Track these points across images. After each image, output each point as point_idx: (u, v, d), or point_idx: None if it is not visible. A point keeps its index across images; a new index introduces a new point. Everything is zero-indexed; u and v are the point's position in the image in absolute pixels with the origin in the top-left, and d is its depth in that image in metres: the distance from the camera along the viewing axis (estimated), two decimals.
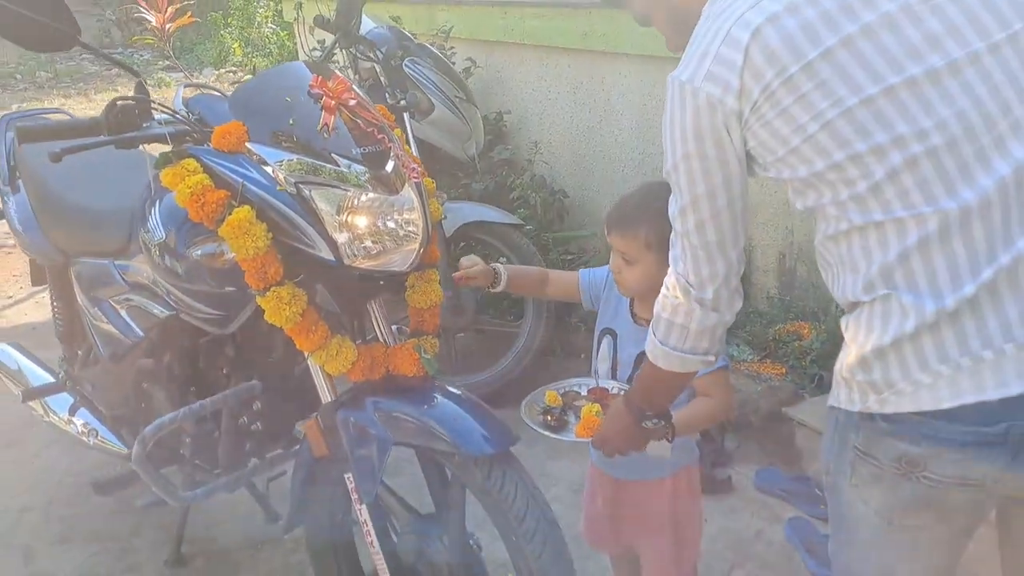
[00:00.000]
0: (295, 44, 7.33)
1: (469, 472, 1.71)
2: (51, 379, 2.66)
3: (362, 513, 1.84)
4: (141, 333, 2.18)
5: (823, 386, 2.93)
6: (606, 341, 1.87)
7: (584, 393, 1.85)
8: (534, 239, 3.99)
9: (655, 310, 1.45)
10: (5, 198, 2.66)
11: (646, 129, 3.97)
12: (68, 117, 1.79)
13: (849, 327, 1.27)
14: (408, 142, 3.28)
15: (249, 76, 5.26)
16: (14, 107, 8.18)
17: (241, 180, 1.68)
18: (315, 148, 1.68)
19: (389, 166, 1.72)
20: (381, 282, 1.81)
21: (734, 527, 2.60)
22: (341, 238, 1.68)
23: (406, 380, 1.85)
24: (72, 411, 2.53)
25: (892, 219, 1.18)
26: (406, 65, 3.41)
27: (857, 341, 1.24)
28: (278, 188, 1.67)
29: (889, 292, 1.19)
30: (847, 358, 1.26)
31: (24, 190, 2.59)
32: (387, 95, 3.37)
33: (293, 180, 1.67)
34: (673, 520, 1.88)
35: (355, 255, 1.70)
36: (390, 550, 1.88)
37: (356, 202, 1.69)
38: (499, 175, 4.40)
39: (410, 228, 1.76)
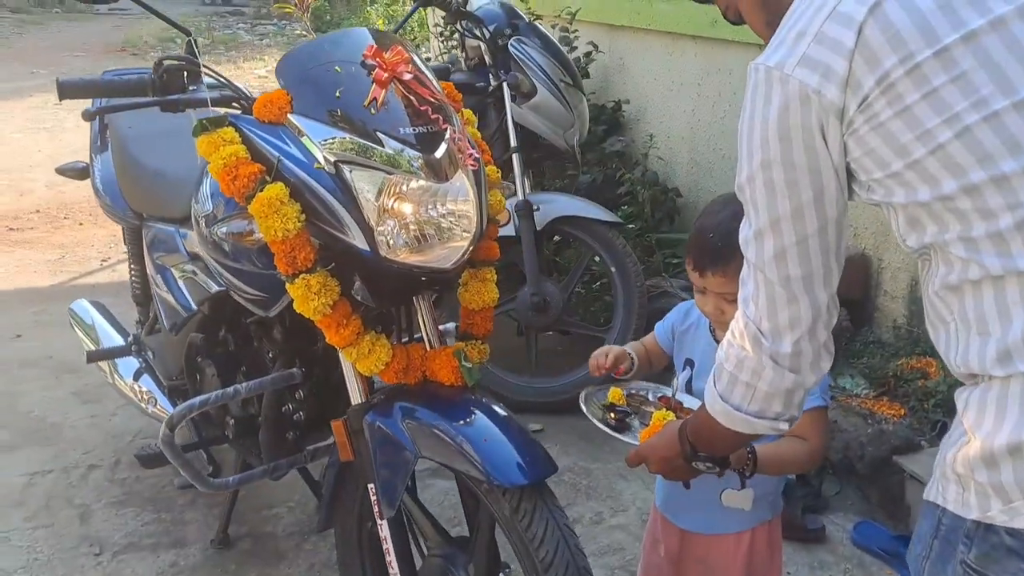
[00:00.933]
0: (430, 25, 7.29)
1: (497, 501, 1.51)
2: (121, 341, 2.64)
3: (383, 528, 1.68)
4: (194, 306, 2.10)
5: (944, 435, 2.56)
6: (686, 372, 1.64)
7: (653, 399, 1.62)
8: (639, 239, 3.74)
9: (717, 357, 1.17)
10: (94, 156, 2.66)
11: None
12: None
13: (969, 406, 0.98)
14: (508, 125, 3.10)
15: None
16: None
17: (277, 155, 1.54)
18: (361, 125, 1.52)
19: (441, 150, 1.54)
20: (424, 279, 1.63)
21: None
22: (379, 227, 1.52)
23: (444, 389, 1.67)
24: (136, 376, 2.51)
25: None
26: (512, 45, 3.22)
27: (982, 429, 0.95)
28: (315, 166, 1.52)
29: None
30: (965, 449, 0.98)
31: (110, 150, 2.58)
32: (490, 75, 3.20)
33: (333, 159, 1.51)
34: None
35: (394, 247, 1.53)
36: (411, 571, 1.71)
37: (401, 188, 1.52)
38: (609, 168, 4.16)
39: (461, 221, 1.58)
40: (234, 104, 1.67)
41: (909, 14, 0.94)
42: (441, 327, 1.81)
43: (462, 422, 1.58)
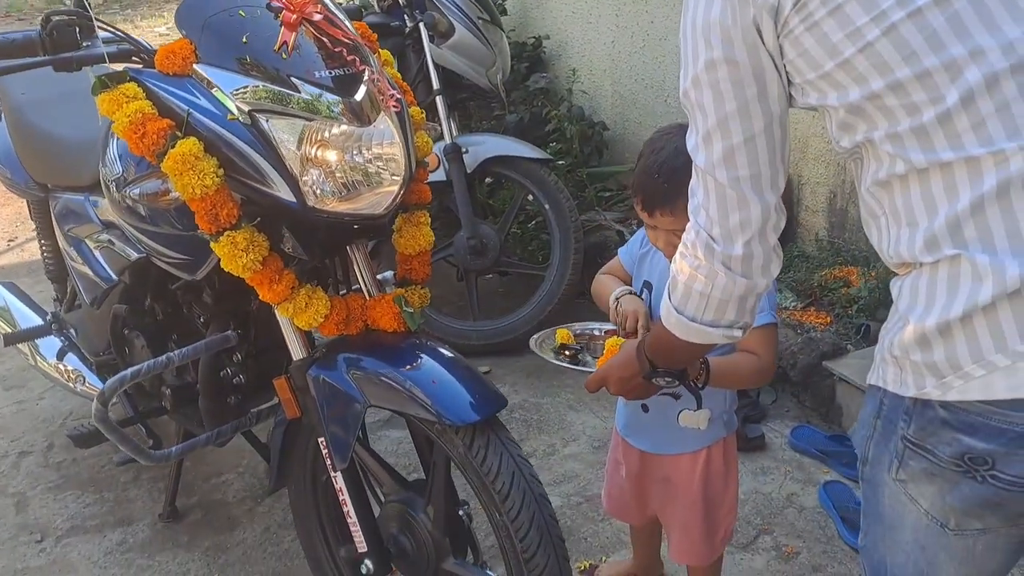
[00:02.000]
0: None
1: (450, 441, 1.51)
2: (40, 321, 2.53)
3: (337, 480, 1.66)
4: (115, 277, 2.01)
5: (869, 338, 2.65)
6: (644, 295, 1.64)
7: (600, 333, 1.64)
8: (569, 174, 3.73)
9: (671, 270, 1.18)
10: None
11: None
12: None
13: (902, 293, 1.01)
14: (428, 66, 3.03)
15: None
16: None
17: (187, 108, 1.47)
18: (273, 71, 1.45)
19: (360, 92, 1.49)
20: (356, 227, 1.59)
21: (764, 489, 2.37)
22: (303, 176, 1.46)
23: (387, 336, 1.65)
24: (60, 355, 2.41)
25: (964, 158, 0.92)
26: None
27: (914, 312, 0.98)
28: (229, 117, 1.45)
29: (958, 252, 0.94)
30: (900, 333, 1.00)
31: (3, 120, 2.43)
32: (405, 16, 3.11)
33: (246, 108, 1.45)
34: (705, 497, 1.67)
35: (321, 196, 1.48)
36: (369, 519, 1.70)
37: (320, 135, 1.46)
38: (535, 106, 4.12)
39: (390, 165, 1.54)
40: (134, 58, 1.58)
41: None
42: (379, 276, 1.78)
43: (408, 367, 1.56)
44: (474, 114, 4.07)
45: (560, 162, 3.65)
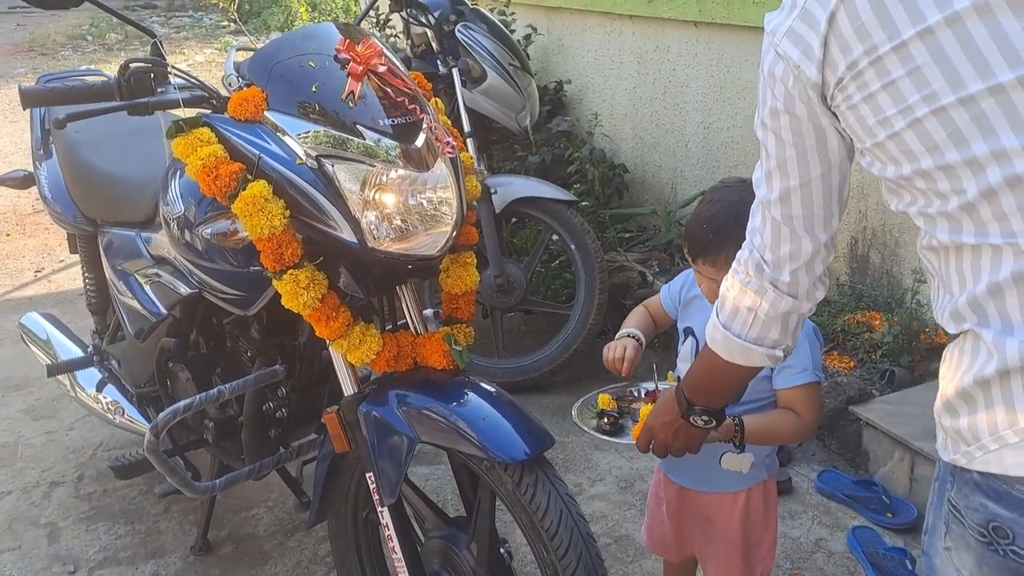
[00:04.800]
0: (360, 8, 7.19)
1: (498, 478, 1.55)
2: (80, 353, 2.58)
3: (383, 515, 1.70)
4: (164, 310, 2.07)
5: (893, 382, 2.69)
6: (689, 341, 1.69)
7: (642, 396, 1.67)
8: (591, 216, 3.80)
9: (720, 288, 1.25)
10: (38, 164, 2.58)
11: (712, 101, 3.72)
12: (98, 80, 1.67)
13: (944, 361, 1.05)
14: (460, 111, 3.11)
15: None
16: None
17: (257, 152, 1.54)
18: (339, 118, 1.52)
19: (420, 139, 1.56)
20: (410, 266, 1.65)
21: (792, 534, 2.40)
22: (365, 218, 1.53)
23: (436, 373, 1.70)
24: (99, 387, 2.46)
25: (986, 244, 0.96)
26: (458, 31, 3.23)
27: (945, 380, 1.03)
28: (297, 162, 1.52)
29: (979, 328, 0.98)
30: (938, 399, 1.05)
31: (56, 156, 2.51)
32: (439, 62, 3.20)
33: (314, 154, 1.52)
34: (744, 538, 1.70)
35: (380, 237, 1.55)
36: (414, 555, 1.74)
37: (382, 179, 1.53)
38: (557, 148, 4.20)
39: (443, 208, 1.60)
40: (204, 104, 1.65)
41: (873, 6, 0.97)
42: (426, 312, 1.84)
43: (457, 404, 1.61)
44: (496, 155, 4.16)
45: (583, 203, 3.72)
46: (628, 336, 1.72)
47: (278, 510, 2.61)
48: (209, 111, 1.65)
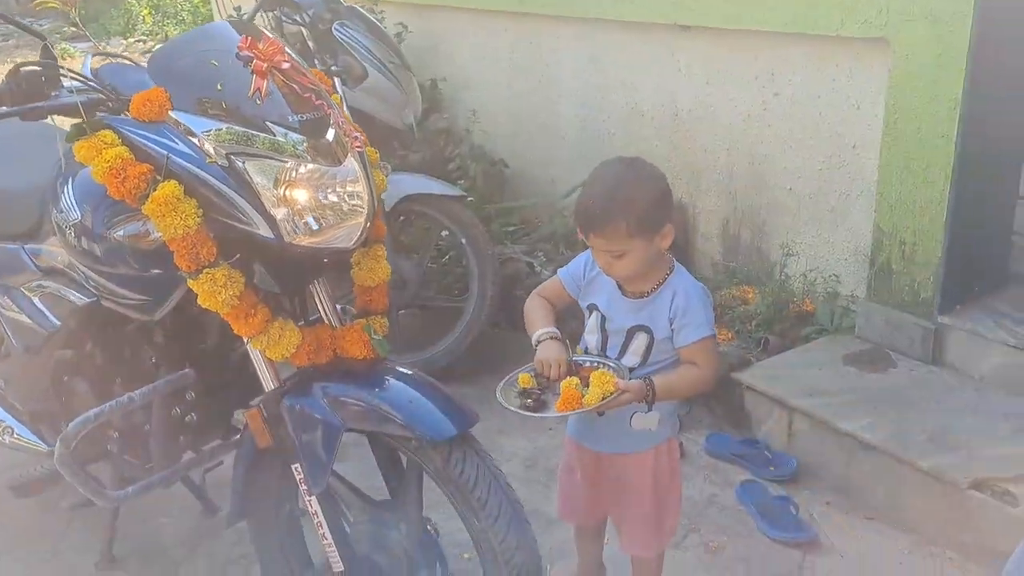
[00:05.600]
0: (210, 10, 7.00)
1: (427, 457, 1.62)
2: None
3: (312, 504, 1.72)
4: (57, 322, 2.00)
5: (769, 349, 2.92)
6: (594, 315, 1.80)
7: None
8: (476, 211, 3.88)
9: None
10: None
11: (587, 95, 3.88)
12: None
13: None
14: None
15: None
16: None
17: (166, 152, 1.53)
18: (247, 116, 1.54)
19: (330, 134, 1.60)
20: (325, 260, 1.69)
21: (687, 493, 2.54)
22: (280, 214, 1.55)
23: (355, 363, 1.74)
24: None
25: None
26: (336, 29, 3.23)
27: None
28: (208, 161, 1.53)
29: None
30: None
31: None
32: (316, 61, 3.20)
33: (224, 151, 1.53)
34: (655, 491, 1.84)
35: (296, 232, 1.57)
36: (343, 541, 1.78)
37: (295, 174, 1.56)
38: (436, 145, 4.26)
39: (354, 202, 1.64)
40: (101, 106, 1.63)
41: None
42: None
43: (381, 389, 1.66)
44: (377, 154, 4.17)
45: (469, 198, 3.80)
46: (550, 338, 1.79)
47: (184, 518, 2.56)
48: (106, 113, 1.62)
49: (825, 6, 2.75)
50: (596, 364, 1.73)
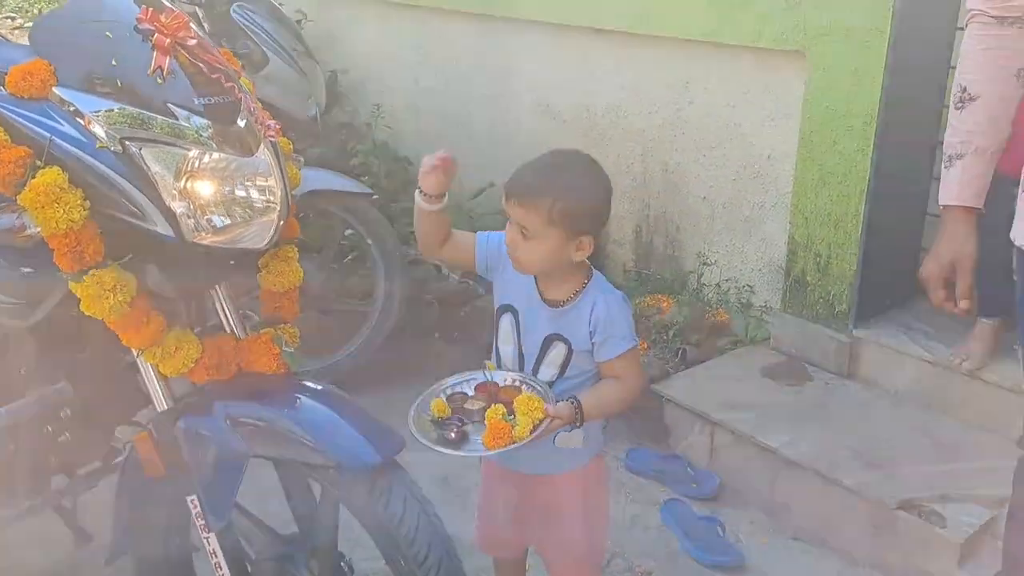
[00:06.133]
0: None
1: (346, 487, 1.44)
2: None
3: (210, 542, 1.52)
4: None
5: (687, 360, 2.87)
6: (506, 319, 1.65)
7: (472, 393, 1.61)
8: (379, 210, 3.69)
9: None
10: None
11: (499, 93, 3.76)
12: None
13: None
14: None
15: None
16: None
17: (48, 135, 1.31)
18: (145, 96, 1.34)
19: (240, 121, 1.41)
20: (231, 262, 1.49)
21: (609, 512, 2.47)
22: (180, 208, 1.36)
23: (260, 379, 1.55)
24: None
25: None
26: (234, 11, 3.01)
27: None
28: (97, 145, 1.32)
29: None
30: None
31: None
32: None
33: (117, 135, 1.32)
34: (585, 513, 1.72)
35: (199, 230, 1.38)
36: None
37: (200, 164, 1.37)
38: (337, 140, 4.05)
39: (266, 197, 1.46)
40: None
41: None
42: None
43: (293, 410, 1.48)
44: None
45: (375, 196, 3.61)
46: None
47: (54, 549, 2.27)
48: None
49: (742, 17, 2.72)
50: (516, 382, 1.60)
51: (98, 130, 1.31)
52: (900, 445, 2.34)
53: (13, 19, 7.99)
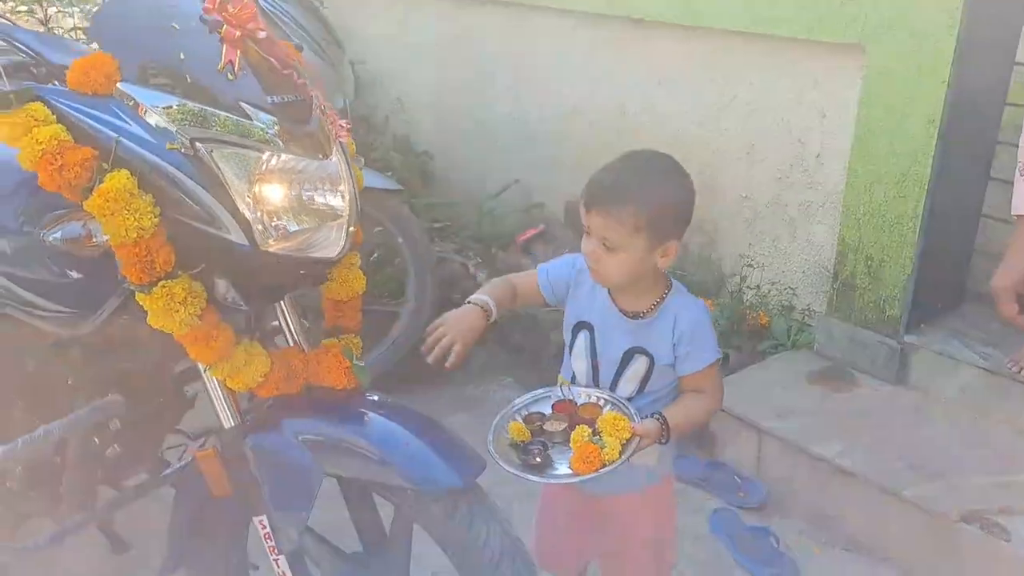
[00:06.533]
0: None
1: (424, 510, 1.36)
2: None
3: (279, 564, 1.45)
4: None
5: (729, 365, 2.80)
6: (582, 336, 1.57)
7: (548, 412, 1.54)
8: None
9: None
10: None
11: (523, 86, 3.67)
12: None
13: None
14: None
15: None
16: None
17: (115, 135, 1.22)
18: (217, 94, 1.25)
19: (313, 121, 1.33)
20: (302, 271, 1.41)
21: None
22: (255, 215, 1.27)
23: (332, 394, 1.47)
24: None
25: None
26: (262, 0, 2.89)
27: None
28: (168, 147, 1.23)
29: None
30: None
31: None
32: None
33: (187, 137, 1.23)
34: (656, 536, 1.65)
35: (269, 236, 1.30)
36: None
37: (274, 167, 1.28)
38: (357, 134, 3.95)
39: (336, 203, 1.38)
40: (25, 73, 1.30)
41: None
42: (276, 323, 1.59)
43: (366, 428, 1.40)
44: None
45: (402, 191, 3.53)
46: (473, 305, 1.53)
47: (91, 559, 2.19)
48: (32, 81, 1.29)
49: (796, 8, 2.64)
50: (596, 399, 1.52)
51: (168, 129, 1.23)
52: (957, 455, 2.28)
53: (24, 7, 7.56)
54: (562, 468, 1.40)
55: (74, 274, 1.41)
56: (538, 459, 1.41)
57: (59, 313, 1.45)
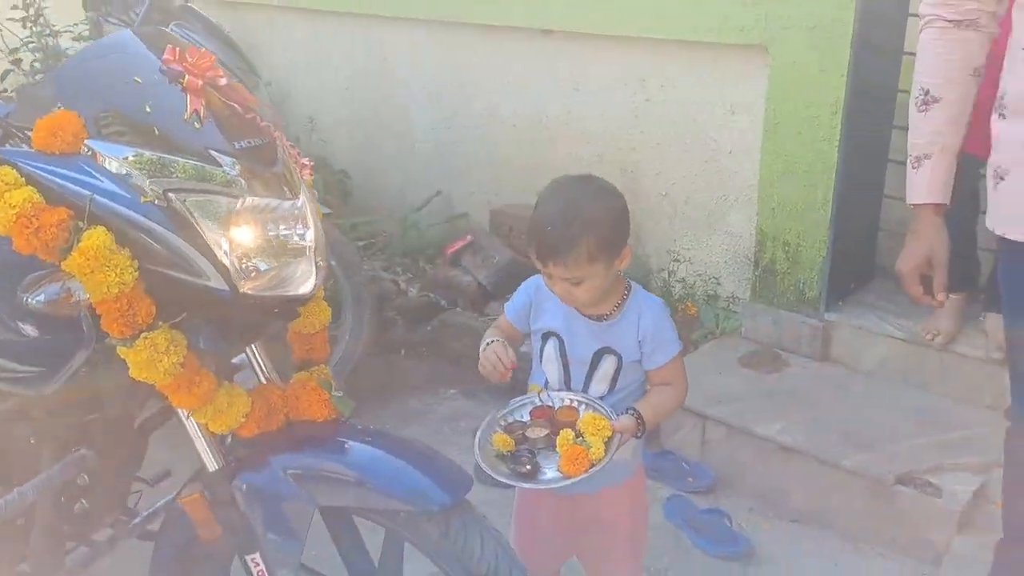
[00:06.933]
0: None
1: (418, 530, 1.40)
2: None
3: None
4: None
5: None
6: (551, 343, 1.64)
7: (527, 419, 1.60)
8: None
9: None
10: None
11: (439, 99, 3.72)
12: None
13: None
14: None
15: None
16: None
17: (88, 192, 1.22)
18: (186, 144, 1.26)
19: (278, 163, 1.35)
20: (276, 310, 1.43)
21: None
22: (232, 260, 1.29)
23: (313, 427, 1.49)
24: None
25: None
26: (173, 30, 2.85)
27: None
28: (142, 200, 1.23)
29: None
30: None
31: None
32: None
33: (161, 188, 1.24)
34: (632, 528, 1.74)
35: (251, 280, 1.31)
36: None
37: (247, 212, 1.30)
38: None
39: (304, 241, 1.41)
40: None
41: None
42: (234, 360, 1.61)
43: (350, 456, 1.43)
44: None
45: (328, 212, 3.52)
46: (493, 341, 1.63)
47: None
48: None
49: (701, 14, 2.78)
50: (571, 402, 1.60)
51: (141, 182, 1.23)
52: (885, 422, 2.46)
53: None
54: (551, 472, 1.47)
55: (43, 333, 1.39)
56: (528, 467, 1.47)
57: (26, 373, 1.43)
